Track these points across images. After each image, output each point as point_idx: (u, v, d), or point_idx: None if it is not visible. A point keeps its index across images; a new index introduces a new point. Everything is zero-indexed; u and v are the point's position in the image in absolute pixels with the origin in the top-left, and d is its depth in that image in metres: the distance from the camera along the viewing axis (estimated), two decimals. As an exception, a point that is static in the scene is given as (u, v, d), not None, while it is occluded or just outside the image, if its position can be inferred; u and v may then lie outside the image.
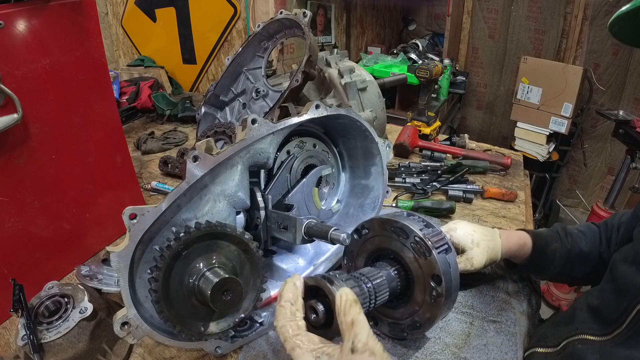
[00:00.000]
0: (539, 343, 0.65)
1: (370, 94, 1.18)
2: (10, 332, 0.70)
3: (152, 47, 2.19)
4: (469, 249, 0.71)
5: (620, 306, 0.55)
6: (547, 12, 2.80)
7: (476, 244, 0.72)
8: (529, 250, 0.76)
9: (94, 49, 0.79)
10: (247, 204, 0.62)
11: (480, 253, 0.71)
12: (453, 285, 0.57)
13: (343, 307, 0.43)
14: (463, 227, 0.74)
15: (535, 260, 0.76)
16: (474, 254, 0.71)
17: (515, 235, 0.77)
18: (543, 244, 0.76)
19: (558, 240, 0.77)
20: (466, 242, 0.72)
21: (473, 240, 0.72)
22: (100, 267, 0.78)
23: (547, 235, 0.78)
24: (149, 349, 0.66)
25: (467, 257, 0.71)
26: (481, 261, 0.71)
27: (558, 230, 0.80)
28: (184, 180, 0.53)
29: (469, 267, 0.70)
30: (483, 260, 0.71)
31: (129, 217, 0.49)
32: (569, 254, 0.76)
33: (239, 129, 0.60)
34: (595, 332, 0.58)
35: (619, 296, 0.57)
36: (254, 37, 1.14)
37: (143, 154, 1.37)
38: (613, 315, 0.56)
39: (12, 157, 0.68)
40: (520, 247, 0.75)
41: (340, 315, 0.43)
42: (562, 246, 0.77)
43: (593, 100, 2.73)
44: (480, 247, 0.72)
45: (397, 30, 3.46)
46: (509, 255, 0.75)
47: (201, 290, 0.52)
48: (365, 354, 0.40)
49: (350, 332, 0.41)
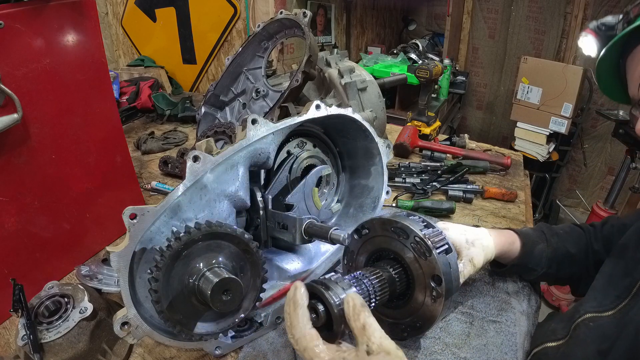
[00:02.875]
0: (549, 338, 0.65)
1: (370, 94, 1.18)
2: (10, 332, 0.70)
3: (152, 47, 2.19)
4: (465, 249, 0.69)
5: (625, 282, 0.60)
6: (547, 12, 2.80)
7: (471, 244, 0.69)
8: (518, 249, 0.74)
9: (94, 49, 0.79)
10: (247, 204, 0.62)
11: (477, 252, 0.69)
12: (453, 285, 0.57)
13: (352, 312, 0.43)
14: (454, 228, 0.72)
15: (524, 260, 0.74)
16: (472, 254, 0.69)
17: (504, 234, 0.75)
18: (531, 243, 0.75)
19: (544, 240, 0.76)
20: (461, 242, 0.69)
21: (467, 240, 0.69)
22: (100, 267, 0.78)
23: (533, 235, 0.76)
24: (149, 349, 0.66)
25: (467, 259, 0.68)
26: (480, 261, 0.69)
27: (544, 230, 0.78)
28: (184, 180, 0.53)
29: (471, 269, 0.67)
30: (481, 260, 0.69)
31: (129, 217, 0.49)
32: (554, 254, 0.75)
33: (239, 129, 0.60)
34: (602, 307, 0.61)
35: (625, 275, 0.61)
36: (254, 37, 1.14)
37: (143, 154, 1.37)
38: (618, 291, 0.60)
39: (12, 157, 0.68)
40: (510, 246, 0.74)
41: (351, 321, 0.43)
42: (548, 246, 0.75)
43: (593, 100, 2.73)
44: (476, 247, 0.69)
45: (397, 30, 3.46)
46: (500, 253, 0.73)
47: (201, 290, 0.52)
48: (381, 355, 0.41)
49: (363, 335, 0.42)
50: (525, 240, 0.75)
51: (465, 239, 0.70)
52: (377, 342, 0.41)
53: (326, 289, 0.48)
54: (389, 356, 0.41)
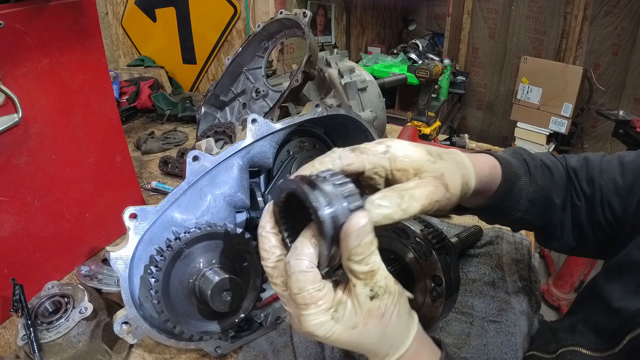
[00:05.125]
0: (540, 347, 0.62)
1: (370, 94, 1.18)
2: (10, 332, 0.70)
3: (152, 47, 2.19)
4: (428, 164, 0.40)
5: (613, 326, 0.48)
6: (547, 12, 2.81)
7: (437, 156, 0.42)
8: (498, 179, 0.52)
9: (94, 49, 0.79)
10: (247, 204, 0.62)
11: (450, 168, 0.42)
12: (453, 285, 0.57)
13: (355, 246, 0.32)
14: (402, 144, 0.42)
15: (499, 200, 0.53)
16: (441, 169, 0.41)
17: (481, 156, 0.52)
18: (512, 176, 0.53)
19: (526, 172, 0.54)
20: (420, 157, 0.40)
21: (430, 152, 0.42)
22: (100, 267, 0.78)
23: (514, 163, 0.54)
24: (149, 348, 0.66)
25: (433, 175, 0.40)
26: (455, 180, 0.42)
27: (525, 158, 0.57)
28: (184, 180, 0.53)
29: (441, 193, 0.39)
30: (457, 180, 0.42)
31: (129, 217, 0.49)
32: (537, 194, 0.54)
33: (239, 129, 0.60)
34: (591, 345, 0.51)
35: (611, 314, 0.48)
36: (254, 37, 1.14)
37: (143, 154, 1.37)
38: (607, 332, 0.49)
39: (12, 157, 0.68)
40: (491, 172, 0.51)
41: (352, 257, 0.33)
42: (531, 182, 0.54)
43: (593, 100, 2.74)
44: (446, 160, 0.42)
45: (397, 30, 3.47)
46: (481, 183, 0.48)
47: (201, 290, 0.52)
48: (385, 296, 0.35)
49: (368, 279, 0.34)
50: (506, 168, 0.52)
51: (427, 150, 0.42)
52: (381, 285, 0.34)
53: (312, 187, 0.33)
54: (392, 296, 0.35)
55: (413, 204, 0.37)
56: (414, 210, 0.37)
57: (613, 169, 0.58)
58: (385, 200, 0.35)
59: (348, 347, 0.36)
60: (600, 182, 0.58)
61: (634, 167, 0.56)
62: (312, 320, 0.33)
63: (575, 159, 0.62)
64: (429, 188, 0.38)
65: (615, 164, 0.58)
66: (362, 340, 0.35)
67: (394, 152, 0.40)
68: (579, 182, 0.60)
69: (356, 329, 0.34)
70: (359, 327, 0.34)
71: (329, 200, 0.32)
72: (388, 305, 0.35)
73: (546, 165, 0.59)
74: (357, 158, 0.39)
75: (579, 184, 0.60)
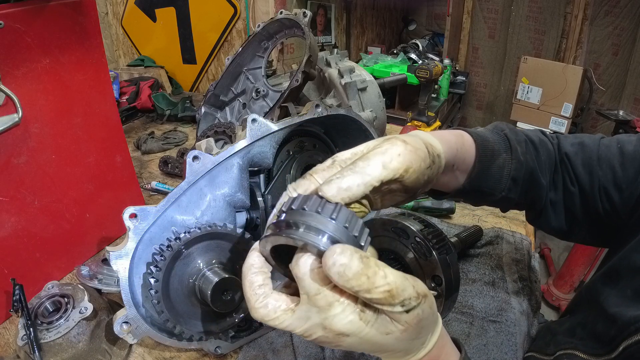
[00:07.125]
0: (539, 349, 0.61)
1: (370, 94, 1.18)
2: (10, 332, 0.70)
3: (152, 47, 2.19)
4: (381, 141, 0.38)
5: (609, 332, 0.47)
6: (547, 12, 2.81)
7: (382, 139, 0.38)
8: (472, 153, 0.49)
9: (94, 49, 0.79)
10: (247, 204, 0.62)
11: (405, 136, 0.38)
12: (453, 285, 0.57)
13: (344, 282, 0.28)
14: None
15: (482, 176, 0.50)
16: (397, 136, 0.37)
17: (445, 131, 0.49)
18: (490, 151, 0.50)
19: (507, 148, 0.51)
20: (369, 144, 0.40)
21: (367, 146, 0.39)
22: (100, 267, 0.78)
23: (492, 139, 0.51)
24: (149, 349, 0.66)
25: (384, 139, 0.38)
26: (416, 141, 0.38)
27: (506, 133, 0.53)
28: (184, 180, 0.53)
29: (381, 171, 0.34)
30: (419, 141, 0.38)
31: (129, 217, 0.49)
32: (520, 172, 0.51)
33: (239, 129, 0.60)
34: (589, 350, 0.51)
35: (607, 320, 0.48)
36: (254, 37, 1.14)
37: (143, 154, 1.37)
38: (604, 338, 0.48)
39: (12, 157, 0.68)
40: (458, 141, 0.47)
41: None
42: (512, 157, 0.51)
43: (593, 100, 2.74)
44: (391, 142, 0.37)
45: (397, 30, 3.47)
46: (451, 150, 0.45)
47: (201, 290, 0.52)
48: None
49: None
50: (480, 143, 0.49)
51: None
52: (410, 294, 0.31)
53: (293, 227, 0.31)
54: None
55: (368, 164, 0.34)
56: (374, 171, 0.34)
57: (612, 157, 0.55)
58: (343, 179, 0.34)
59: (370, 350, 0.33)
60: (598, 171, 0.55)
61: (635, 157, 0.54)
62: (342, 320, 0.30)
63: (569, 142, 0.59)
64: (376, 170, 0.34)
65: (614, 150, 0.55)
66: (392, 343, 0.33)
67: (340, 157, 0.39)
68: (573, 167, 0.57)
69: (390, 335, 0.32)
70: (394, 334, 0.32)
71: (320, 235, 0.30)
72: (425, 309, 0.33)
73: (531, 141, 0.56)
74: (309, 181, 0.37)
75: (573, 170, 0.57)
